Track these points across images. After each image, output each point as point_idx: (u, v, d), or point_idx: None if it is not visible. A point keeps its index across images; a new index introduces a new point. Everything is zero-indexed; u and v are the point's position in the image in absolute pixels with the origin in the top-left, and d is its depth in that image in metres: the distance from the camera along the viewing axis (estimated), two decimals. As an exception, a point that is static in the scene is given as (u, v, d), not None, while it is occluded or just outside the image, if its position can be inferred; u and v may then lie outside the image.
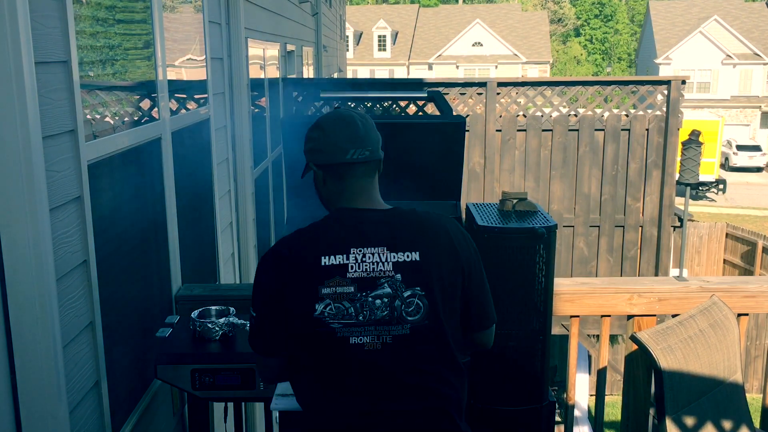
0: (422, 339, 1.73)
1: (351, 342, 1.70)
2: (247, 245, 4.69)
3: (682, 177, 9.78)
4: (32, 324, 1.80)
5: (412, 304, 1.73)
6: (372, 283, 1.72)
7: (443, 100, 3.44)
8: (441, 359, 1.76)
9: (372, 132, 1.84)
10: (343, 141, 1.80)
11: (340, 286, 1.71)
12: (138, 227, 2.79)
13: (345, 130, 1.81)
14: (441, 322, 1.75)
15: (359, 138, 1.81)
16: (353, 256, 1.72)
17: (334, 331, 1.70)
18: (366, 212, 1.81)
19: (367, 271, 1.72)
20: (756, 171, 33.26)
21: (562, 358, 10.04)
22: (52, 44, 1.91)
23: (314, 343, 1.74)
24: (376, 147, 1.85)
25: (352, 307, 1.71)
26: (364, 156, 1.81)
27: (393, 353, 1.72)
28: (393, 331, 1.71)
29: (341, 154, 1.80)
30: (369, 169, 1.84)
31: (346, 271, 1.72)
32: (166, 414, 2.90)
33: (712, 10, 41.59)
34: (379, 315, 1.71)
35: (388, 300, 1.71)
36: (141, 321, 2.79)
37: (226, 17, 4.29)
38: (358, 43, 46.40)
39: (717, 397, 2.60)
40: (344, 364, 1.72)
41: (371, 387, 1.73)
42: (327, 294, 1.70)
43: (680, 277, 3.05)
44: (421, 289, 1.73)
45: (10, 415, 1.82)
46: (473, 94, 8.45)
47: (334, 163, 1.81)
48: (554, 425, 2.79)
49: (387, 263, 1.73)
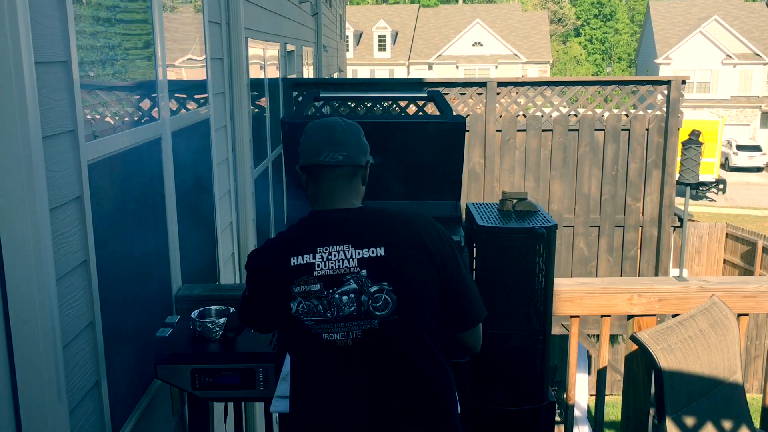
0: (392, 333, 1.75)
1: (324, 338, 1.75)
2: (247, 245, 4.69)
3: (682, 177, 9.78)
4: (32, 324, 1.80)
5: (380, 299, 1.75)
6: (338, 280, 1.76)
7: (443, 100, 3.44)
8: (415, 354, 1.77)
9: (351, 138, 1.89)
10: (319, 143, 1.87)
11: (308, 284, 1.76)
12: (138, 227, 2.79)
13: (323, 134, 1.88)
14: (412, 317, 1.76)
15: (335, 142, 1.86)
16: (319, 254, 1.77)
17: (309, 329, 1.76)
18: (334, 212, 1.86)
19: (333, 269, 1.76)
20: (756, 171, 33.25)
21: (562, 358, 10.05)
22: (52, 44, 1.91)
23: (295, 341, 1.81)
24: (354, 152, 1.88)
25: (320, 304, 1.75)
26: (336, 159, 1.85)
27: (363, 348, 1.75)
28: (362, 326, 1.75)
29: (315, 156, 1.86)
30: (343, 172, 1.88)
31: (313, 270, 1.76)
32: (166, 414, 2.90)
33: (712, 10, 41.59)
34: (347, 311, 1.74)
35: (355, 296, 1.74)
36: (141, 321, 2.78)
37: (226, 17, 4.29)
38: (358, 43, 46.40)
39: (717, 397, 2.60)
40: (320, 360, 1.78)
41: (347, 382, 1.76)
42: (298, 293, 1.76)
43: (680, 277, 3.05)
44: (388, 284, 1.75)
45: (10, 415, 1.82)
46: (473, 94, 8.45)
47: (309, 164, 1.88)
48: (554, 425, 2.79)
49: (352, 260, 1.77)
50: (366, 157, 1.92)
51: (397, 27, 47.80)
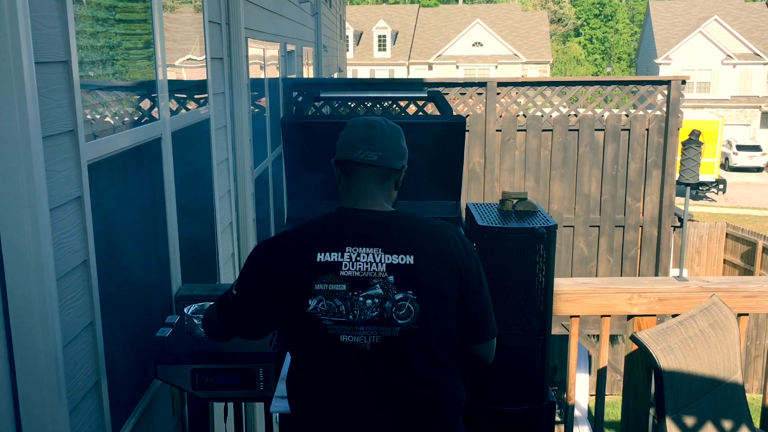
0: (410, 342, 1.74)
1: (341, 340, 1.73)
2: (247, 245, 4.68)
3: (682, 177, 9.78)
4: (32, 324, 1.80)
5: (404, 307, 1.73)
6: (364, 283, 1.73)
7: (443, 100, 3.44)
8: (429, 363, 1.77)
9: (390, 139, 1.87)
10: (356, 140, 1.86)
11: (333, 283, 1.73)
12: (138, 227, 2.79)
13: (362, 131, 1.87)
14: (431, 328, 1.75)
15: (372, 141, 1.84)
16: (348, 254, 1.74)
17: (325, 328, 1.73)
18: (365, 212, 1.83)
19: (360, 271, 1.74)
20: (756, 171, 33.25)
21: (562, 358, 10.04)
22: (52, 44, 1.91)
23: (306, 339, 1.77)
24: (390, 155, 1.86)
25: (343, 305, 1.72)
26: (370, 159, 1.83)
27: (381, 353, 1.73)
28: (382, 332, 1.73)
29: (350, 152, 1.85)
30: (377, 173, 1.85)
31: (340, 269, 1.73)
32: (166, 414, 2.90)
33: (712, 10, 41.59)
34: (369, 315, 1.72)
35: (379, 301, 1.73)
36: (141, 321, 2.78)
37: (226, 17, 4.29)
38: (358, 43, 46.40)
39: (717, 397, 2.60)
40: (334, 361, 1.75)
41: (358, 386, 1.75)
42: (320, 290, 1.73)
43: (680, 277, 3.05)
44: (413, 293, 1.73)
45: (10, 415, 1.82)
46: (473, 94, 8.45)
47: (343, 160, 1.87)
48: (554, 425, 2.79)
49: (380, 264, 1.74)
50: (402, 161, 1.90)
51: (397, 27, 47.79)
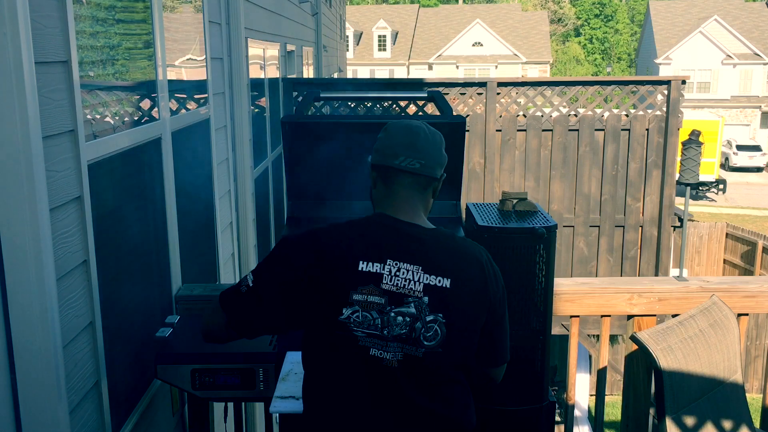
0: (431, 363, 1.72)
1: (371, 354, 1.68)
2: (247, 245, 4.69)
3: (682, 177, 9.78)
4: (32, 324, 1.80)
5: (432, 329, 1.70)
6: (399, 300, 1.69)
7: (443, 100, 3.44)
8: (446, 382, 1.76)
9: (433, 147, 1.81)
10: (398, 146, 1.79)
11: (373, 294, 1.68)
12: (138, 227, 2.79)
13: (405, 137, 1.81)
14: (454, 352, 1.74)
15: (415, 148, 1.78)
16: (388, 267, 1.70)
17: (356, 339, 1.68)
18: (407, 225, 1.78)
19: (398, 286, 1.70)
20: (756, 171, 33.25)
21: (562, 358, 10.04)
22: (52, 44, 1.91)
23: (331, 348, 1.72)
24: (432, 163, 1.80)
25: (379, 319, 1.68)
26: (413, 166, 1.78)
27: (404, 371, 1.70)
28: (406, 350, 1.69)
29: (392, 158, 1.79)
30: (418, 182, 1.80)
31: (381, 282, 1.69)
32: (166, 414, 2.90)
33: (712, 10, 41.59)
34: (397, 331, 1.69)
35: (410, 320, 1.69)
36: (141, 321, 2.78)
37: (226, 17, 4.29)
38: (358, 43, 46.40)
39: (717, 397, 2.60)
40: (359, 373, 1.71)
41: (380, 401, 1.71)
42: (358, 300, 1.68)
43: (680, 277, 3.05)
44: (443, 316, 1.71)
45: (10, 415, 1.82)
46: (473, 94, 8.45)
47: (383, 165, 1.81)
48: (554, 425, 2.79)
49: (419, 283, 1.71)
50: (442, 170, 1.84)
51: (397, 27, 47.79)
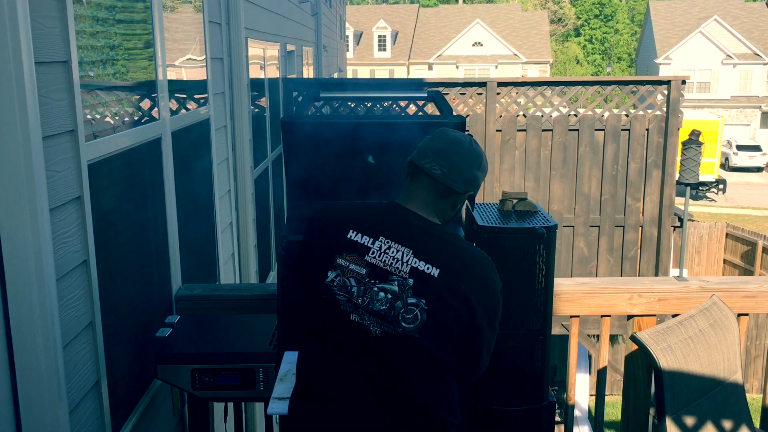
0: (406, 347, 1.75)
1: (351, 319, 1.76)
2: (247, 245, 4.69)
3: (682, 177, 9.77)
4: (32, 324, 1.80)
5: (412, 312, 1.74)
6: (384, 276, 1.76)
7: (443, 100, 3.43)
8: (417, 371, 1.78)
9: (461, 163, 1.85)
10: (430, 149, 1.87)
11: (355, 263, 1.77)
12: (138, 227, 2.79)
13: (440, 143, 1.88)
14: (428, 340, 1.76)
15: (443, 155, 1.84)
16: (379, 243, 1.78)
17: (338, 303, 1.78)
18: (412, 214, 1.84)
19: (385, 263, 1.77)
20: (756, 171, 33.25)
21: (562, 358, 10.04)
22: (52, 44, 1.91)
23: (319, 308, 1.82)
24: (455, 175, 1.84)
25: (356, 287, 1.76)
26: (433, 171, 1.84)
27: (388, 345, 1.75)
28: (385, 327, 1.75)
29: (421, 158, 1.86)
30: (436, 187, 1.85)
31: (366, 254, 1.78)
32: (166, 414, 2.90)
33: (712, 10, 41.57)
34: (378, 307, 1.75)
35: (391, 297, 1.75)
36: (141, 321, 2.78)
37: (226, 17, 4.29)
38: (358, 43, 46.39)
39: (717, 397, 2.60)
40: (342, 337, 1.79)
41: (357, 367, 1.78)
42: (340, 265, 1.78)
43: (680, 277, 3.05)
44: (426, 303, 1.75)
45: (10, 415, 1.82)
46: (473, 94, 8.45)
47: (413, 162, 1.88)
48: (554, 425, 2.79)
49: (406, 264, 1.76)
50: (467, 187, 1.87)
51: (397, 27, 47.78)
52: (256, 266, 5.01)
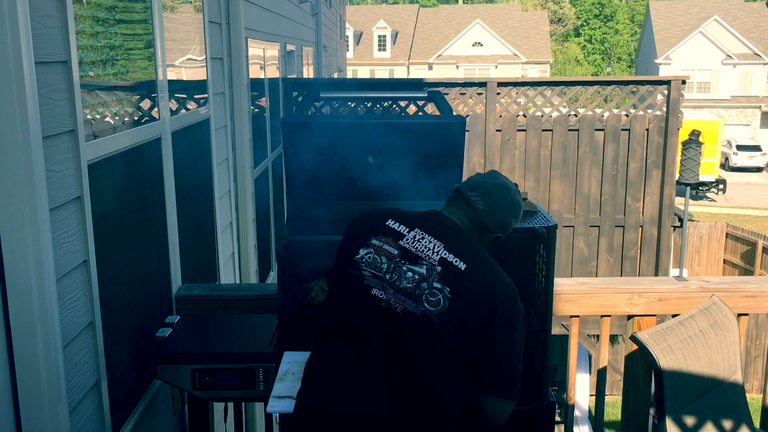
0: (422, 330, 1.79)
1: (372, 293, 1.83)
2: (247, 245, 4.69)
3: (682, 177, 9.78)
4: (32, 324, 1.80)
5: (436, 295, 1.82)
6: (414, 258, 1.87)
7: (443, 100, 3.43)
8: (433, 357, 1.80)
9: (503, 208, 2.01)
10: (481, 185, 2.03)
11: (388, 245, 1.89)
12: (138, 227, 2.79)
13: (491, 184, 2.04)
14: (446, 331, 1.80)
15: (490, 195, 2.01)
16: (413, 233, 1.91)
17: (362, 278, 1.85)
18: (449, 220, 1.98)
19: (417, 249, 1.88)
20: (756, 171, 33.24)
21: (562, 358, 10.04)
22: (52, 44, 1.91)
23: (343, 285, 1.90)
24: (491, 215, 1.99)
25: (386, 264, 1.85)
26: (476, 205, 1.99)
27: (406, 322, 1.80)
28: (407, 305, 1.81)
29: (469, 189, 2.03)
30: (472, 219, 1.99)
31: (401, 239, 1.90)
32: (166, 414, 2.90)
33: (712, 10, 41.56)
34: (404, 284, 1.83)
35: (418, 278, 1.83)
36: (141, 321, 2.78)
37: (226, 17, 4.29)
38: (358, 43, 46.39)
39: (717, 397, 2.60)
40: (358, 311, 1.85)
41: (372, 348, 1.81)
42: (373, 244, 1.89)
43: (680, 277, 3.05)
44: (450, 292, 1.82)
45: (10, 415, 1.82)
46: (473, 94, 8.45)
47: (461, 188, 2.05)
48: (554, 425, 2.79)
49: (436, 254, 1.87)
50: (499, 229, 2.02)
51: (397, 27, 47.78)
52: (256, 266, 5.01)
